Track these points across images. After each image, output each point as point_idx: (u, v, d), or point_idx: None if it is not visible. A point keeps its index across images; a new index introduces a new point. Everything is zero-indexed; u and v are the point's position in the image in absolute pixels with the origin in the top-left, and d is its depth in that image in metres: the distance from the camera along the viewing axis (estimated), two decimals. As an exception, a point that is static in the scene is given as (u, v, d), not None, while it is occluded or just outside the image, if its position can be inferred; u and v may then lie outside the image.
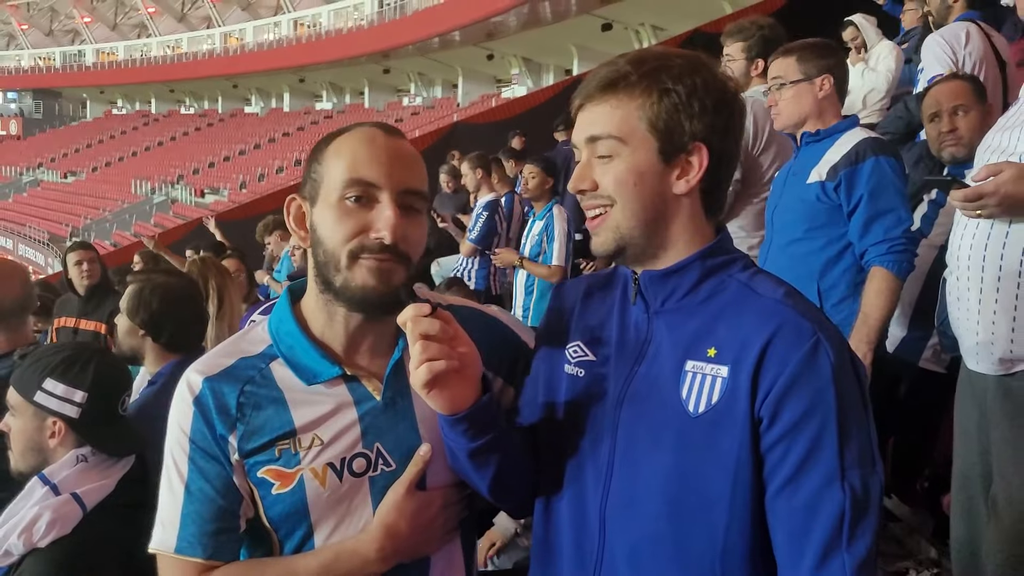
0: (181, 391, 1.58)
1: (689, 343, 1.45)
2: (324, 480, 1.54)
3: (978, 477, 2.82)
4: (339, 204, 1.51)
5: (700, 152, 1.46)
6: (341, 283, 1.52)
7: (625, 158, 1.46)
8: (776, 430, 1.38)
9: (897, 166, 3.20)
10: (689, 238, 1.50)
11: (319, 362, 1.57)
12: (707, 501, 1.41)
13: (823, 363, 1.37)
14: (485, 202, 7.25)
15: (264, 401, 1.55)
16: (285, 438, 1.54)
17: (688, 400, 1.43)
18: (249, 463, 1.54)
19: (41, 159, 52.94)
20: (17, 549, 2.18)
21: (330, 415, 1.56)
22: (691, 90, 1.44)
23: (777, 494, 1.39)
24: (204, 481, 1.54)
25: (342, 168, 1.51)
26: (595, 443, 1.51)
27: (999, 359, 2.66)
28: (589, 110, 1.49)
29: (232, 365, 1.58)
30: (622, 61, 1.48)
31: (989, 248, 2.62)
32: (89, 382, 2.36)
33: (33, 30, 64.71)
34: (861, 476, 1.37)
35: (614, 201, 1.47)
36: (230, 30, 54.25)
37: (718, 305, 1.46)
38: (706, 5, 22.05)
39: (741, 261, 1.52)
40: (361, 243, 1.50)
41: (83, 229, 37.93)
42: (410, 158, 1.56)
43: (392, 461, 1.58)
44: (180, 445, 1.56)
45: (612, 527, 1.48)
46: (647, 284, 1.51)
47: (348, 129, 1.58)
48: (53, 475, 2.28)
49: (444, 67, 39.79)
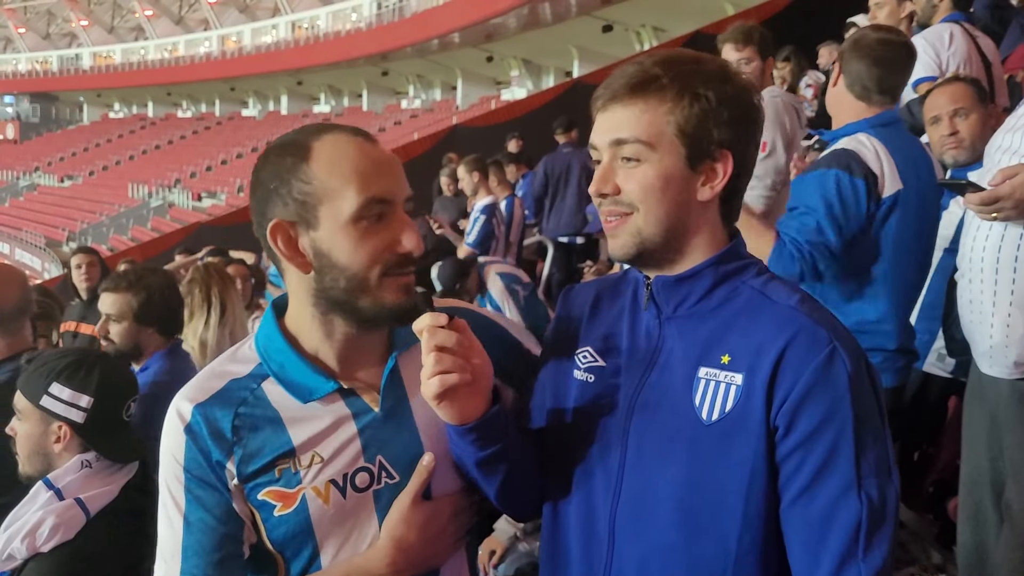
0: (171, 420, 1.53)
1: (702, 350, 1.44)
2: (327, 498, 1.51)
3: (987, 482, 2.81)
4: (355, 225, 1.46)
5: (726, 160, 1.45)
6: (368, 304, 1.48)
7: (653, 163, 1.44)
8: (792, 439, 1.37)
9: (849, 185, 2.90)
10: (706, 244, 1.49)
11: (313, 378, 1.53)
12: (720, 510, 1.40)
13: (839, 372, 1.36)
14: (483, 205, 7.24)
15: (260, 422, 1.51)
16: (284, 458, 1.50)
17: (701, 407, 1.41)
18: (249, 487, 1.51)
19: (38, 163, 52.92)
20: (20, 553, 2.19)
21: (329, 431, 1.52)
22: (721, 97, 1.43)
23: (792, 503, 1.39)
24: (203, 511, 1.50)
25: (351, 187, 1.45)
26: (605, 450, 1.49)
27: (1014, 363, 2.65)
28: (614, 111, 1.46)
29: (223, 388, 1.53)
30: (650, 62, 1.46)
31: (1003, 250, 2.61)
32: (95, 387, 2.36)
33: (30, 33, 64.72)
34: (878, 485, 1.37)
35: (636, 208, 1.45)
36: (227, 33, 54.26)
37: (731, 311, 1.46)
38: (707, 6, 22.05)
39: (755, 267, 1.51)
40: (389, 261, 1.47)
41: (80, 233, 37.91)
42: (398, 163, 1.54)
43: (395, 473, 1.54)
44: (175, 476, 1.52)
45: (622, 536, 1.47)
46: (659, 289, 1.49)
47: (310, 138, 1.49)
48: (58, 480, 2.28)
49: (443, 69, 39.81)
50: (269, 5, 52.71)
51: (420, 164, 18.78)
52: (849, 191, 2.90)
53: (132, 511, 2.27)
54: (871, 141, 2.97)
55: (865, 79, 3.05)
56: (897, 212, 2.94)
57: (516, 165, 10.01)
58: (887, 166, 2.93)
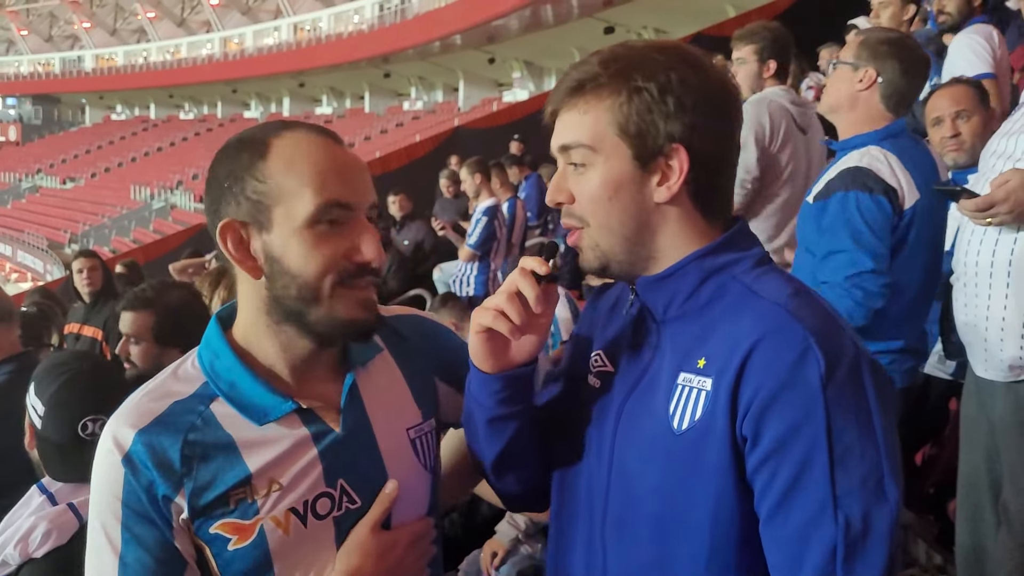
0: (105, 449, 1.37)
1: (684, 353, 1.33)
2: (288, 527, 1.37)
3: (984, 484, 2.82)
4: (310, 230, 1.34)
5: (679, 154, 1.31)
6: (321, 316, 1.36)
7: (598, 167, 1.34)
8: (759, 451, 1.24)
9: (871, 204, 2.86)
10: (682, 244, 1.36)
11: (268, 398, 1.39)
12: (690, 526, 1.30)
13: (811, 373, 1.21)
14: (485, 207, 7.24)
15: (211, 450, 1.36)
16: (240, 487, 1.36)
17: (674, 416, 1.31)
18: (199, 521, 1.36)
19: (40, 165, 52.99)
20: (13, 559, 2.17)
21: (288, 455, 1.38)
22: (664, 87, 1.30)
23: (767, 524, 1.26)
24: (142, 550, 1.35)
25: (308, 188, 1.33)
26: (599, 459, 1.42)
27: (1009, 366, 2.66)
28: (561, 117, 1.37)
29: (166, 411, 1.38)
30: (595, 59, 1.35)
31: (998, 255, 2.62)
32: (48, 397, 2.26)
33: (32, 36, 64.83)
34: (863, 505, 1.21)
35: (587, 223, 1.36)
36: (230, 35, 54.35)
37: (718, 310, 1.32)
38: (709, 8, 22.08)
39: (751, 259, 1.36)
40: (345, 270, 1.35)
41: (82, 235, 37.94)
42: (364, 168, 1.42)
43: (357, 498, 1.43)
44: (111, 511, 1.36)
45: (611, 551, 1.40)
46: (643, 292, 1.39)
47: (270, 134, 1.38)
48: (51, 484, 2.26)
49: (445, 71, 39.85)
50: (271, 7, 52.79)
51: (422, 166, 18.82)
52: (873, 210, 2.82)
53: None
54: (884, 155, 2.90)
55: (903, 90, 2.98)
56: (916, 222, 2.89)
57: (519, 167, 10.02)
58: (903, 178, 2.87)
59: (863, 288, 2.79)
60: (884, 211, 2.83)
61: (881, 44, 2.99)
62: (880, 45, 2.99)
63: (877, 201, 2.82)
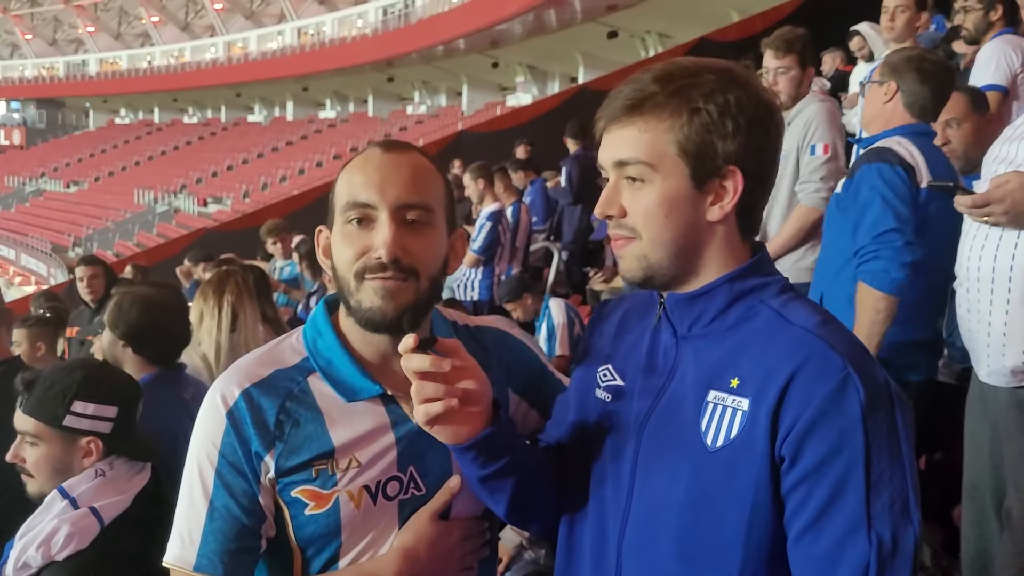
0: (213, 402, 1.54)
1: (713, 372, 1.37)
2: (359, 503, 1.53)
3: (989, 490, 2.83)
4: (344, 228, 1.52)
5: (735, 176, 1.37)
6: (355, 305, 1.52)
7: (656, 185, 1.37)
8: (797, 471, 1.29)
9: (891, 172, 3.13)
10: (722, 262, 1.41)
11: (359, 379, 1.55)
12: (720, 543, 1.33)
13: (851, 401, 1.26)
14: (488, 212, 7.25)
15: (303, 419, 1.52)
16: (322, 459, 1.51)
17: (707, 433, 1.34)
18: (283, 482, 1.52)
19: (44, 169, 52.92)
20: (35, 562, 2.20)
21: (368, 436, 1.53)
22: (723, 108, 1.34)
23: (798, 541, 1.30)
24: (230, 498, 1.51)
25: (343, 192, 1.52)
26: (617, 473, 1.44)
27: (1011, 371, 2.67)
28: (614, 133, 1.40)
29: (269, 376, 1.55)
30: (647, 78, 1.38)
31: (999, 259, 2.64)
32: (118, 397, 2.40)
33: (36, 40, 64.85)
34: (892, 526, 1.26)
35: (639, 235, 1.39)
36: (233, 39, 54.32)
37: (746, 332, 1.37)
38: (712, 13, 22.03)
39: (776, 285, 1.42)
40: (364, 264, 1.49)
41: (86, 239, 37.91)
42: (409, 171, 1.52)
43: (423, 486, 1.57)
44: (208, 458, 1.52)
45: (627, 563, 1.42)
46: (672, 307, 1.43)
47: (359, 153, 1.60)
48: (72, 488, 2.29)
49: (448, 75, 39.82)
50: (275, 11, 52.82)
51: (425, 170, 18.74)
52: (894, 178, 3.13)
53: (144, 520, 2.28)
54: (904, 142, 3.24)
55: (926, 100, 3.33)
56: (935, 203, 3.13)
57: (524, 172, 10.00)
58: (920, 161, 3.19)
59: (891, 245, 3.06)
60: (904, 180, 3.14)
61: (900, 61, 3.41)
62: (899, 62, 3.40)
63: (897, 172, 3.14)
